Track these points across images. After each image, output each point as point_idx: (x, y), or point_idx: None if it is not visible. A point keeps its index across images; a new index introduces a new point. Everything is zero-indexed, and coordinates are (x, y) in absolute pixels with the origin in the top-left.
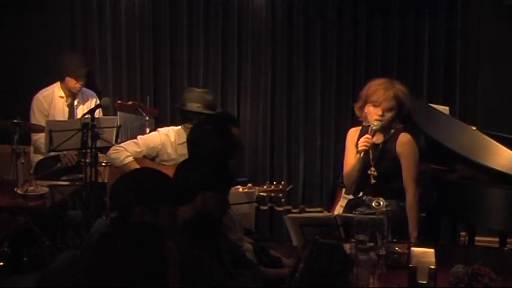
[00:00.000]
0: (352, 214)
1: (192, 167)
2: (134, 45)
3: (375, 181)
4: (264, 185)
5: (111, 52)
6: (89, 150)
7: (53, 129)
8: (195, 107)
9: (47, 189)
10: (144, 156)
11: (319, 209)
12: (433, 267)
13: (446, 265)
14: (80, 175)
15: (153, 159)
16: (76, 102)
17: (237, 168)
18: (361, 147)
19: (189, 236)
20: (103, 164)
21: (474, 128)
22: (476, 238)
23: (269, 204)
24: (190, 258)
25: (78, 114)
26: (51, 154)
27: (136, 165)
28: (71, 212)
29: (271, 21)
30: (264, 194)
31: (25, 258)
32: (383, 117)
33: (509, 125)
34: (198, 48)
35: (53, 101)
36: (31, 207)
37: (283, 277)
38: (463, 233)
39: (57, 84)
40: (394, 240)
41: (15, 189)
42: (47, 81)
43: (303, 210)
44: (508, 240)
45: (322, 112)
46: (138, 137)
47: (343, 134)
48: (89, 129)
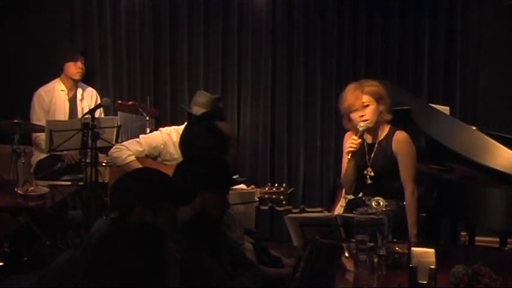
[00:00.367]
0: (353, 214)
1: (190, 167)
2: (134, 45)
3: (371, 181)
4: (265, 186)
5: (111, 52)
6: (89, 150)
7: (53, 129)
8: (200, 111)
9: (47, 189)
10: (146, 156)
11: (320, 209)
12: (433, 267)
13: (446, 265)
14: (80, 175)
15: (155, 158)
16: (79, 95)
17: (235, 165)
18: (348, 149)
19: (189, 236)
20: (103, 164)
21: (474, 128)
22: (476, 238)
23: (269, 204)
24: (190, 258)
25: (79, 109)
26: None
27: (139, 165)
28: (71, 212)
29: (271, 21)
30: (264, 196)
31: (25, 258)
32: (364, 116)
33: (509, 125)
34: (198, 48)
35: (54, 95)
36: (31, 207)
37: (283, 277)
38: (463, 233)
39: (57, 80)
40: (394, 240)
41: (16, 189)
42: (47, 81)
43: (303, 210)
44: (508, 240)
45: (322, 112)
46: (140, 136)
47: (343, 134)
48: (89, 129)
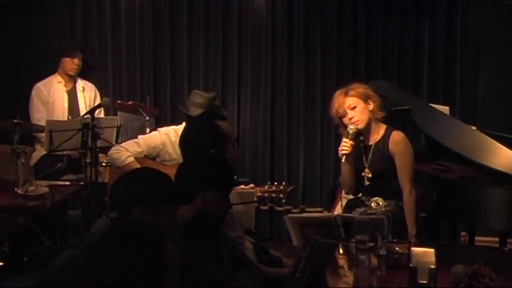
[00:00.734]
0: (352, 214)
1: (191, 167)
2: (134, 45)
3: (369, 183)
4: (264, 185)
5: (111, 52)
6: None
7: (53, 129)
8: (198, 112)
9: (47, 189)
10: (145, 156)
11: (319, 209)
12: (433, 267)
13: (446, 265)
14: (80, 175)
15: (154, 158)
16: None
17: (234, 165)
18: (340, 152)
19: (189, 236)
20: (103, 164)
21: (474, 128)
22: (476, 238)
23: (269, 204)
24: (190, 258)
25: (80, 100)
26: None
27: (138, 165)
28: (71, 212)
29: (271, 21)
30: (264, 194)
31: (25, 258)
32: (353, 118)
33: (509, 125)
34: (198, 48)
35: (52, 87)
36: (31, 207)
37: (283, 277)
38: (463, 233)
39: (55, 74)
40: (394, 240)
41: (16, 189)
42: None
43: (303, 210)
44: (508, 240)
45: (322, 112)
46: (139, 137)
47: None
48: (89, 129)
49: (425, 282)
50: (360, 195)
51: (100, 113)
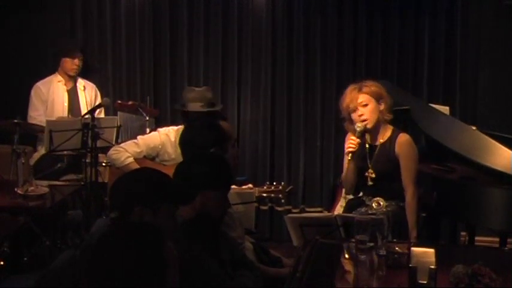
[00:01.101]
0: (352, 214)
1: (191, 167)
2: (134, 45)
3: (372, 183)
4: (264, 185)
5: (111, 52)
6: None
7: (53, 129)
8: (198, 106)
9: (47, 189)
10: (144, 156)
11: (319, 209)
12: (433, 267)
13: (446, 265)
14: (80, 175)
15: (153, 159)
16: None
17: (233, 166)
18: (347, 150)
19: (189, 236)
20: (103, 164)
21: (474, 128)
22: (476, 238)
23: (269, 204)
24: (190, 258)
25: (81, 99)
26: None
27: (137, 166)
28: (71, 212)
29: (271, 21)
30: (263, 194)
31: (25, 258)
32: (363, 115)
33: (509, 125)
34: (198, 48)
35: (52, 86)
36: (31, 207)
37: (283, 277)
38: (463, 233)
39: (55, 74)
40: (394, 240)
41: (15, 189)
42: None
43: (303, 210)
44: (508, 240)
45: (322, 112)
46: (138, 137)
47: (343, 134)
48: (89, 129)
49: (425, 282)
50: (361, 194)
51: (100, 113)
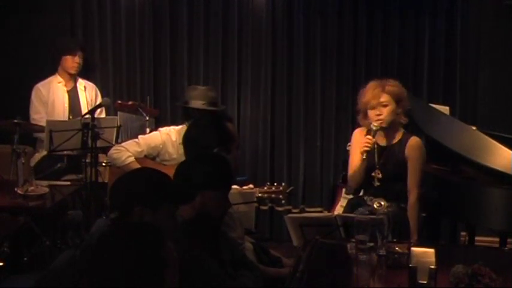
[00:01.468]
0: (353, 214)
1: (191, 166)
2: (134, 45)
3: (379, 183)
4: (264, 186)
5: (111, 52)
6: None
7: (53, 129)
8: (200, 104)
9: (47, 189)
10: (145, 156)
11: (319, 209)
12: (433, 267)
13: (446, 265)
14: (80, 175)
15: (154, 158)
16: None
17: (235, 166)
18: (363, 148)
19: (189, 236)
20: (103, 164)
21: (474, 128)
22: (476, 238)
23: (269, 204)
24: (190, 258)
25: (82, 99)
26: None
27: (138, 165)
28: (71, 212)
29: (271, 21)
30: (264, 195)
31: (25, 258)
32: (381, 115)
33: (509, 125)
34: (198, 48)
35: (52, 87)
36: (31, 207)
37: (283, 277)
38: (463, 233)
39: (55, 74)
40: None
41: (16, 189)
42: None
43: (303, 210)
44: (508, 240)
45: (322, 112)
46: (139, 137)
47: (343, 134)
48: (89, 129)
49: (425, 282)
50: (362, 193)
51: (101, 113)
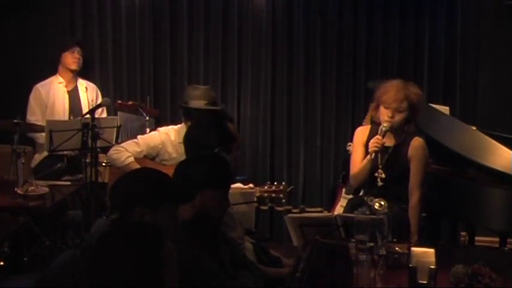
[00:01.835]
0: (353, 214)
1: (191, 165)
2: (134, 45)
3: (382, 183)
4: (264, 185)
5: (111, 52)
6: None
7: (53, 129)
8: (200, 104)
9: (47, 189)
10: (144, 156)
11: (319, 209)
12: (433, 267)
13: (446, 265)
14: (80, 175)
15: (153, 158)
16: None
17: (235, 166)
18: (372, 149)
19: (189, 236)
20: (103, 164)
21: (474, 128)
22: (476, 238)
23: (269, 204)
24: (190, 258)
25: (83, 100)
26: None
27: (137, 166)
28: (71, 212)
29: (271, 21)
30: (264, 194)
31: (25, 258)
32: (393, 118)
33: (509, 125)
34: (198, 48)
35: (52, 88)
36: (31, 207)
37: (283, 277)
38: (463, 233)
39: (56, 75)
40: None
41: (16, 189)
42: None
43: (303, 210)
44: (508, 240)
45: (322, 112)
46: (138, 137)
47: (343, 134)
48: (89, 129)
49: (425, 282)
50: (362, 193)
51: (102, 113)
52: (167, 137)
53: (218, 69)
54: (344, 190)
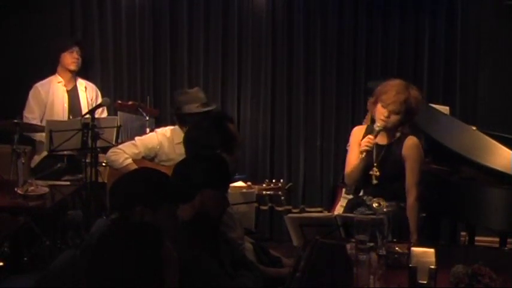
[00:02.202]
0: (353, 214)
1: (190, 165)
2: (134, 45)
3: (376, 181)
4: (263, 183)
5: (111, 52)
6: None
7: (53, 129)
8: (194, 107)
9: (47, 189)
10: (142, 157)
11: (319, 209)
12: (433, 267)
13: (446, 265)
14: (80, 175)
15: (151, 159)
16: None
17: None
18: (363, 148)
19: (189, 236)
20: (103, 164)
21: (474, 128)
22: (476, 238)
23: (269, 204)
24: (190, 258)
25: (82, 100)
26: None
27: (136, 167)
28: (71, 212)
29: (271, 21)
30: (263, 192)
31: (25, 258)
32: (388, 119)
33: (509, 125)
34: (198, 49)
35: (51, 87)
36: (31, 207)
37: (283, 277)
38: (463, 233)
39: (55, 74)
40: (394, 240)
41: (16, 189)
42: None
43: (303, 210)
44: (508, 240)
45: (322, 112)
46: (136, 138)
47: (343, 134)
48: (89, 129)
49: (425, 282)
50: (362, 193)
51: (103, 113)
52: (164, 138)
53: (218, 69)
54: (344, 190)
